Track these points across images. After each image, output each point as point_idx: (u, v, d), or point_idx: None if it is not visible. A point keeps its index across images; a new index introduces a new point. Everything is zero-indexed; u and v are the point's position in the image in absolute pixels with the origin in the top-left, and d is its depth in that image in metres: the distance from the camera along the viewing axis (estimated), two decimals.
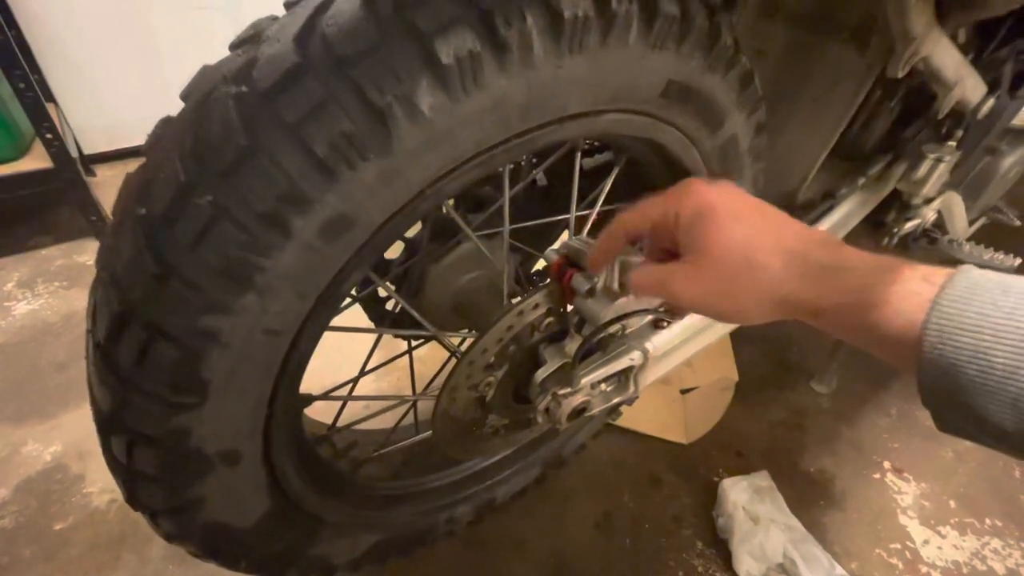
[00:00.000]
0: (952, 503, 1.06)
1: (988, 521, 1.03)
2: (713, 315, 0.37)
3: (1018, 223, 1.09)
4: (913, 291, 0.29)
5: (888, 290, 0.30)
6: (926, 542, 1.00)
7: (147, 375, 0.40)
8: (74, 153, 1.59)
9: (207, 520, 0.51)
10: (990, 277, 0.28)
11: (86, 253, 1.60)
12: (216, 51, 0.41)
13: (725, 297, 0.36)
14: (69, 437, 1.10)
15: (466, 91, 0.38)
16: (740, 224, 0.35)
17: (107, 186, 1.90)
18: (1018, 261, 0.97)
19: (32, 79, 1.38)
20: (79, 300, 1.42)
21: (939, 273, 0.29)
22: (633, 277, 0.42)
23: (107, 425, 0.44)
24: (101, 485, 1.02)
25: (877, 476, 1.10)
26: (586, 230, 0.68)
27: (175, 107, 0.42)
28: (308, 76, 0.35)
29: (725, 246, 0.35)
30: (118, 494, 0.99)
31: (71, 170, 1.50)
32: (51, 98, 1.80)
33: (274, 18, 0.41)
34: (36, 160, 1.50)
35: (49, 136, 1.42)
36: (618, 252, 0.46)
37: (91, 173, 1.93)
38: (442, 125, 0.39)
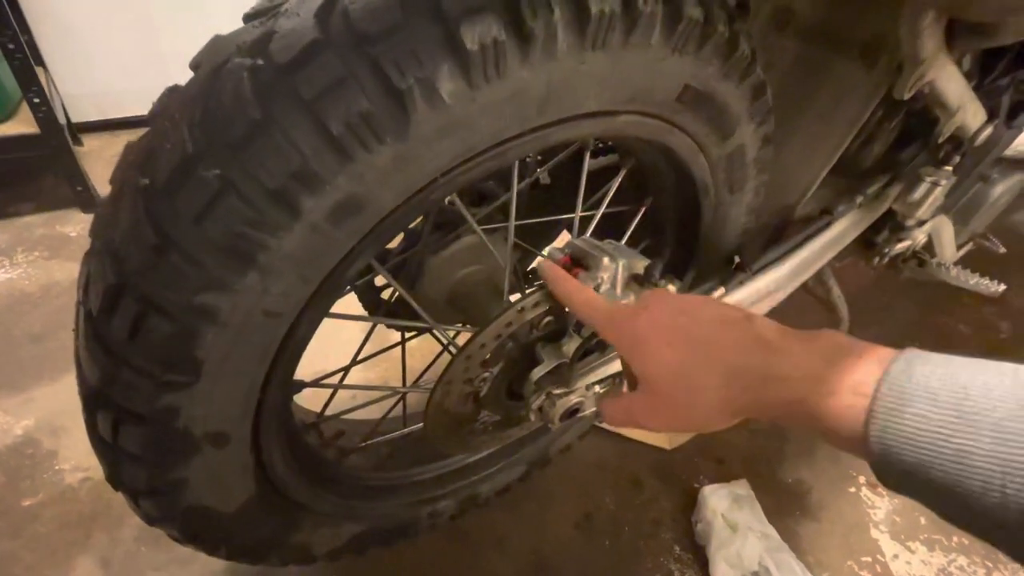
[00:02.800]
0: (922, 519, 1.08)
1: (955, 539, 1.06)
2: (685, 432, 0.40)
3: (1003, 250, 1.11)
4: (846, 404, 0.30)
5: (824, 404, 0.31)
6: (896, 556, 1.02)
7: (139, 350, 0.39)
8: (62, 120, 1.54)
9: (190, 503, 0.50)
10: (918, 382, 0.28)
11: (69, 223, 1.56)
12: (214, 24, 0.40)
13: (684, 419, 0.37)
14: (42, 412, 1.06)
15: (487, 80, 0.37)
16: (671, 350, 0.37)
17: (94, 156, 1.85)
18: (1002, 287, 1.00)
19: (22, 40, 1.33)
20: (59, 271, 1.38)
21: (867, 381, 0.30)
22: (605, 411, 0.43)
23: (94, 400, 0.42)
24: (74, 462, 0.99)
25: (852, 490, 1.12)
26: (590, 231, 0.68)
27: (169, 79, 0.40)
28: (327, 52, 0.34)
29: (664, 377, 0.37)
30: (91, 472, 0.98)
31: (58, 137, 1.46)
32: (40, 62, 1.74)
33: None
34: (22, 124, 1.45)
35: (36, 101, 1.37)
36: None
37: (78, 142, 1.88)
38: (460, 113, 0.38)
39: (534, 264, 0.96)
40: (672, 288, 0.61)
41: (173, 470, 0.47)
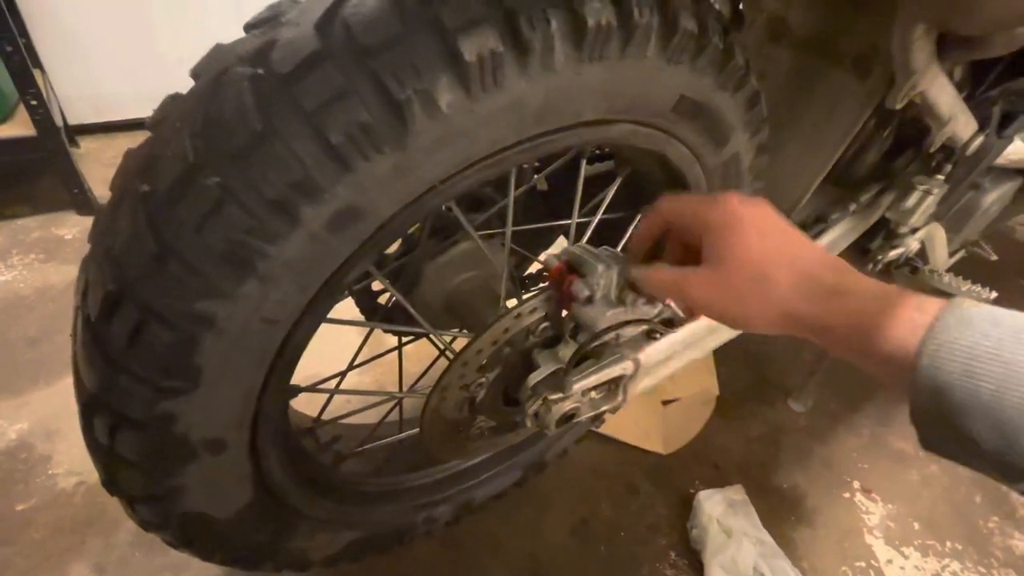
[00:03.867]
0: (916, 525, 1.09)
1: (949, 544, 1.07)
2: (721, 318, 0.40)
3: (995, 258, 1.13)
4: (907, 318, 0.32)
5: (885, 315, 0.33)
6: (890, 562, 1.03)
7: (137, 357, 0.39)
8: (59, 122, 1.54)
9: (186, 509, 0.50)
10: (981, 310, 0.30)
11: (65, 226, 1.55)
12: (213, 29, 0.40)
13: (735, 303, 0.39)
14: (37, 416, 1.06)
15: (485, 90, 0.38)
16: (763, 239, 0.38)
17: (91, 158, 1.85)
18: (994, 295, 1.01)
19: (20, 43, 1.33)
20: (55, 274, 1.38)
21: (933, 302, 0.32)
22: (651, 275, 0.44)
23: (91, 406, 0.42)
24: (68, 467, 0.98)
25: (847, 495, 1.13)
26: (586, 237, 0.68)
27: (167, 82, 0.41)
28: (328, 64, 0.35)
29: (744, 257, 0.38)
30: (85, 476, 0.98)
31: (55, 139, 1.46)
32: (38, 64, 1.74)
33: (293, 0, 0.40)
34: (18, 127, 1.45)
35: (34, 103, 1.37)
36: (656, 237, 0.48)
37: (75, 144, 1.87)
38: (459, 123, 0.38)
39: (530, 269, 0.97)
40: None
41: (170, 476, 0.47)
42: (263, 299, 0.39)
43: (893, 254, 0.91)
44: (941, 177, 0.80)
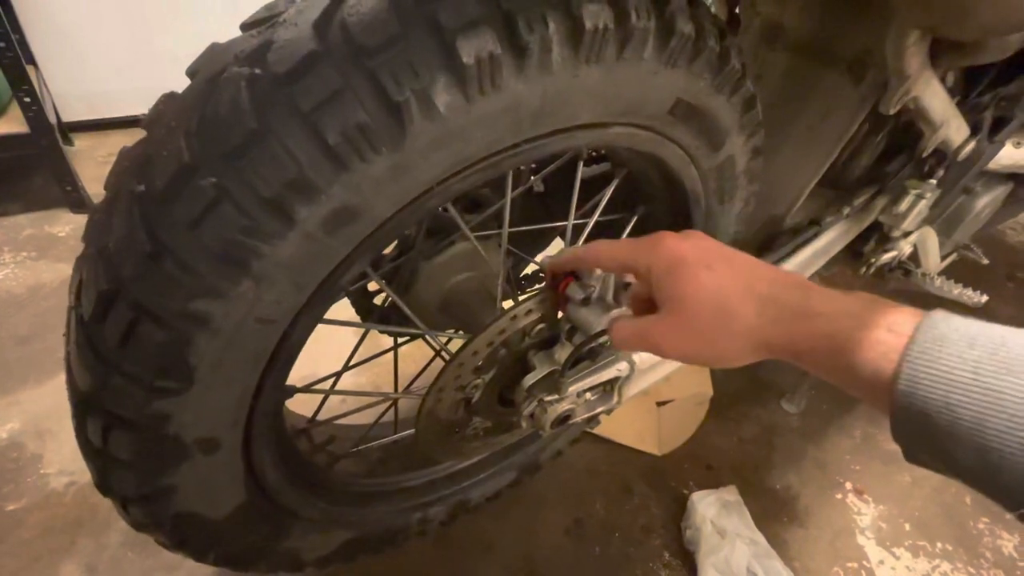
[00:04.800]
0: (907, 526, 1.10)
1: (939, 545, 1.07)
2: (696, 362, 0.39)
3: (986, 261, 1.14)
4: (879, 340, 0.30)
5: (856, 338, 0.31)
6: (881, 562, 1.03)
7: (131, 357, 0.39)
8: (52, 119, 1.53)
9: (179, 509, 0.50)
10: (955, 328, 0.29)
11: (58, 224, 1.54)
12: (208, 27, 0.40)
13: (705, 345, 0.37)
14: (27, 415, 1.05)
15: (483, 92, 0.38)
16: (711, 273, 0.36)
17: (85, 156, 1.83)
18: (984, 298, 1.02)
19: (13, 39, 1.32)
20: (47, 272, 1.37)
21: (905, 320, 0.30)
22: (614, 331, 0.42)
23: (84, 406, 0.42)
24: (59, 466, 0.98)
25: (839, 496, 1.14)
26: (583, 239, 0.68)
27: (161, 79, 0.41)
28: (325, 63, 0.35)
29: (697, 296, 0.36)
30: (76, 476, 0.97)
31: (48, 136, 1.45)
32: (32, 60, 1.73)
33: (290, 0, 0.40)
34: (11, 123, 1.44)
35: (27, 100, 1.36)
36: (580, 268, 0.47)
37: (68, 142, 1.86)
38: (456, 124, 0.39)
39: (527, 271, 0.97)
40: None
41: (163, 476, 0.47)
42: (258, 299, 0.39)
43: (886, 257, 0.92)
44: (933, 181, 0.81)
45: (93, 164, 1.79)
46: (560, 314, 0.58)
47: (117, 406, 0.41)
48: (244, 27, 0.41)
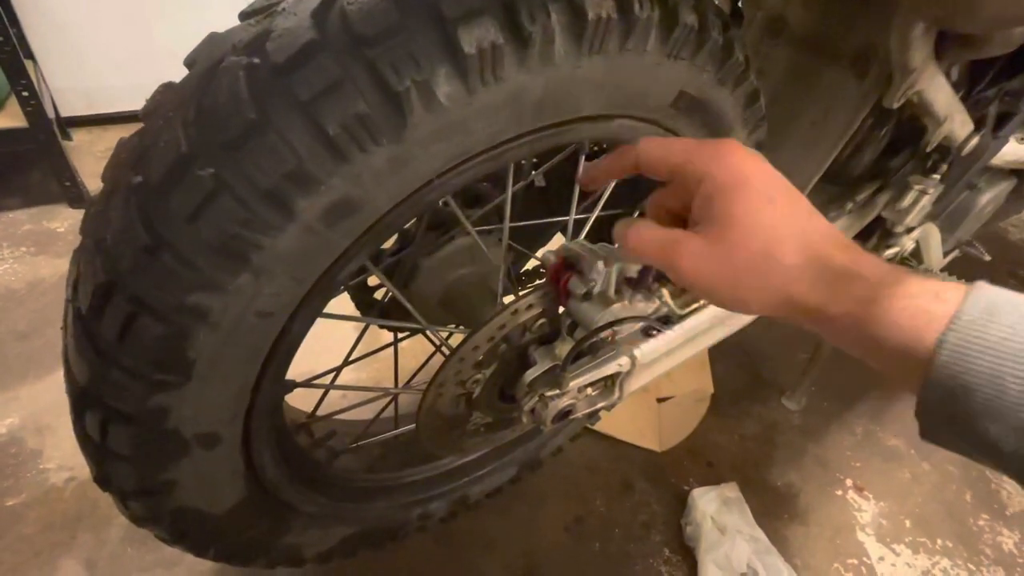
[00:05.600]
0: (907, 523, 1.10)
1: (940, 541, 1.07)
2: (712, 297, 0.35)
3: (988, 258, 1.13)
4: (923, 308, 0.29)
5: (898, 304, 0.29)
6: (881, 559, 1.03)
7: (129, 350, 0.38)
8: (51, 114, 1.52)
9: (179, 504, 0.50)
10: (1008, 298, 0.27)
11: (57, 219, 1.53)
12: (208, 19, 0.40)
13: (734, 283, 0.33)
14: (27, 410, 1.05)
15: (484, 83, 0.37)
16: (772, 207, 0.32)
17: (83, 151, 1.83)
18: None
19: (11, 33, 1.31)
20: (46, 267, 1.36)
21: (953, 290, 0.28)
22: (630, 233, 0.36)
23: (82, 400, 0.42)
24: (59, 462, 0.98)
25: (839, 493, 1.14)
26: (584, 234, 0.68)
27: (161, 74, 0.40)
28: (324, 53, 0.34)
29: (749, 228, 0.32)
30: (76, 471, 0.97)
31: (46, 131, 1.44)
32: (30, 55, 1.72)
33: None
34: (9, 118, 1.43)
35: (25, 94, 1.35)
36: (617, 176, 0.41)
37: (67, 136, 1.85)
38: (457, 115, 0.38)
39: (528, 266, 0.96)
40: (666, 292, 0.61)
41: (162, 471, 0.46)
42: (257, 292, 0.39)
43: (888, 253, 0.91)
44: (937, 177, 0.80)
45: (92, 159, 1.78)
46: (561, 309, 0.58)
47: (115, 400, 0.40)
48: (243, 16, 0.40)
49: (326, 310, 0.51)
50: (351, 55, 0.34)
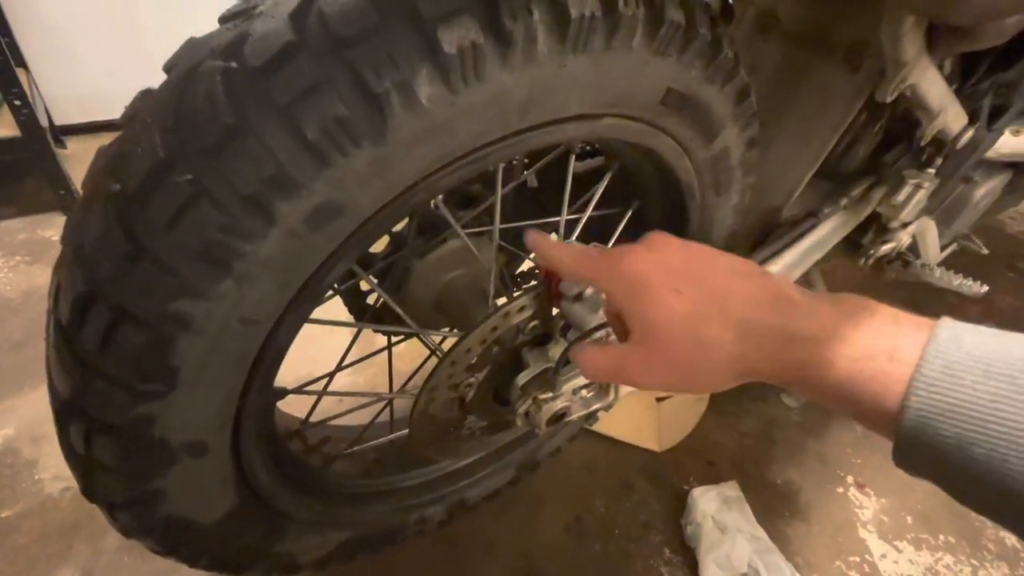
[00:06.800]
0: (909, 519, 1.09)
1: (942, 537, 1.07)
2: (681, 392, 0.36)
3: (985, 251, 1.13)
4: (880, 370, 0.27)
5: (852, 367, 0.28)
6: (883, 556, 1.03)
7: (111, 360, 0.38)
8: (44, 122, 1.52)
9: (168, 514, 0.49)
10: (968, 351, 0.26)
11: (52, 228, 1.53)
12: (202, 24, 0.39)
13: (685, 377, 0.33)
14: (23, 420, 1.04)
15: (466, 83, 0.37)
16: (680, 298, 0.32)
17: (78, 159, 1.82)
18: (984, 288, 1.01)
19: (3, 41, 1.31)
20: (41, 276, 1.36)
21: (907, 347, 0.27)
22: (583, 362, 0.37)
23: (65, 411, 0.41)
24: (54, 471, 0.97)
25: (840, 490, 1.13)
26: (576, 234, 0.67)
27: (155, 80, 0.40)
28: (303, 55, 0.34)
29: (669, 326, 0.32)
30: (72, 481, 0.94)
31: (40, 140, 1.44)
32: (22, 63, 1.72)
33: None
34: (2, 127, 1.43)
35: (17, 103, 1.35)
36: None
37: (61, 145, 1.85)
38: (440, 117, 0.37)
39: (523, 267, 0.96)
40: None
41: (150, 481, 0.46)
42: (241, 299, 0.38)
43: (885, 249, 0.91)
44: (931, 171, 0.79)
45: (86, 167, 1.78)
46: (553, 310, 0.58)
47: (99, 411, 0.40)
48: (222, 20, 0.40)
49: (320, 315, 0.51)
50: (330, 57, 0.34)
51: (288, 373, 0.50)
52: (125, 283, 0.36)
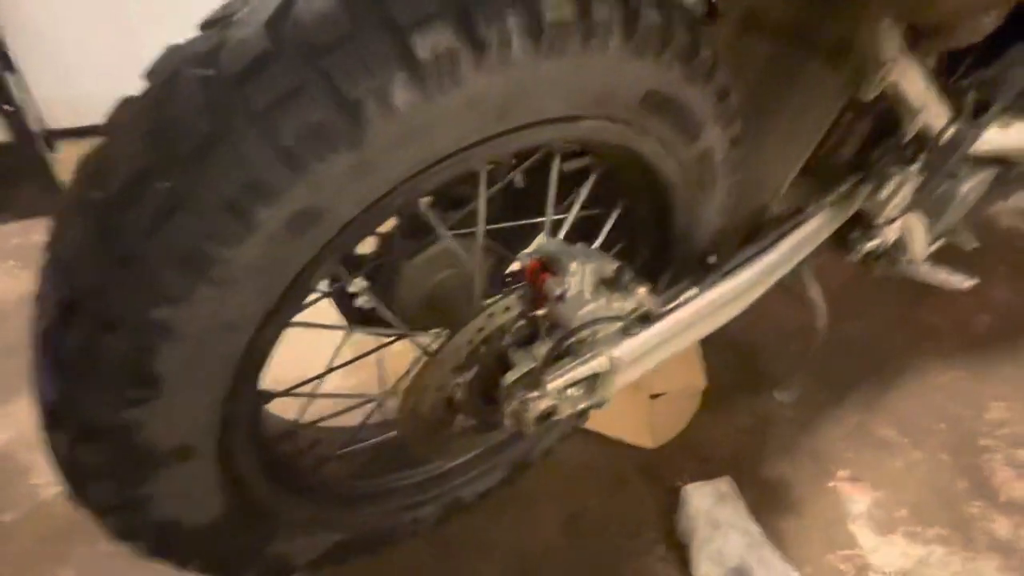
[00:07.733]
0: (901, 512, 1.10)
1: (934, 530, 1.07)
2: None
3: (976, 245, 1.13)
4: None
5: None
6: (875, 549, 1.03)
7: (94, 367, 0.38)
8: (36, 127, 1.52)
9: (158, 518, 0.49)
10: None
11: (44, 233, 1.53)
12: (193, 28, 0.39)
13: None
14: (17, 426, 1.04)
15: (442, 88, 0.37)
16: None
17: (71, 164, 1.82)
18: (972, 281, 1.01)
19: None
20: (34, 282, 1.36)
21: None
22: None
23: (51, 418, 0.42)
24: (49, 477, 0.97)
25: (832, 484, 1.13)
26: (562, 234, 0.68)
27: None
28: (278, 63, 0.34)
29: None
30: None
31: (31, 146, 1.44)
32: (11, 67, 1.71)
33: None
34: None
35: (8, 108, 1.35)
36: None
37: (54, 149, 1.85)
38: (416, 121, 0.38)
39: (513, 267, 0.96)
40: (642, 291, 0.61)
41: (138, 486, 0.46)
42: (222, 304, 0.39)
43: (871, 245, 0.91)
44: (916, 167, 0.80)
45: None
46: (539, 310, 0.58)
47: (84, 417, 0.40)
48: (202, 26, 0.40)
49: (306, 317, 0.51)
50: (305, 64, 0.34)
51: (280, 375, 0.51)
52: (106, 291, 0.36)
